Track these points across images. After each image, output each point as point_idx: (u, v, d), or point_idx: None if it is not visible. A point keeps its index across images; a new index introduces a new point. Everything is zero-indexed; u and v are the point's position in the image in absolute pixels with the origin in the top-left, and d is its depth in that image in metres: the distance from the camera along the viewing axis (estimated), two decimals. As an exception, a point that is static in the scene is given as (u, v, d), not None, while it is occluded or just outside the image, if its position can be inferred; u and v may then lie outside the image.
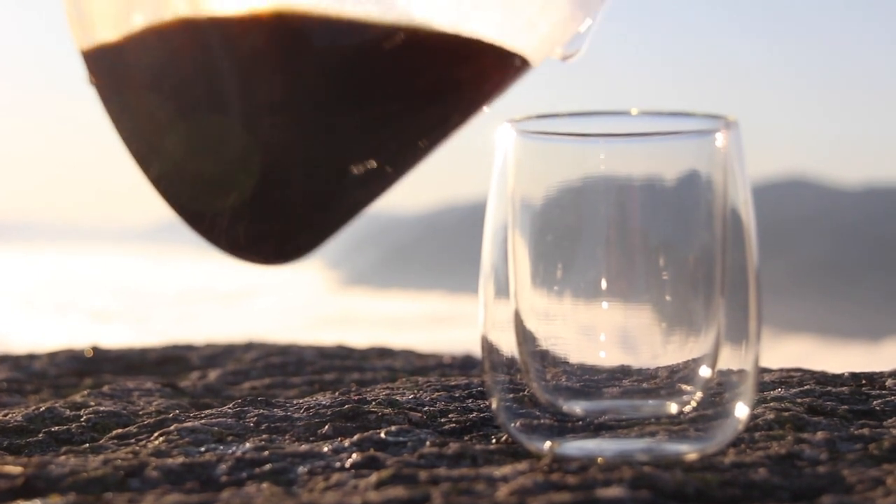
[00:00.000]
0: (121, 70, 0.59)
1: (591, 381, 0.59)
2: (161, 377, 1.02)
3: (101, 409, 0.75)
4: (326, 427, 0.67)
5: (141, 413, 0.75)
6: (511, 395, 0.60)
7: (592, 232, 0.58)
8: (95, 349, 1.15)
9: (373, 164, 0.57)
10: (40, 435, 0.69)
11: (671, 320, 0.58)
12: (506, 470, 0.55)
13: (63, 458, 0.62)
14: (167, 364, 1.10)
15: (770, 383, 0.77)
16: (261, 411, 0.71)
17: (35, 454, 0.65)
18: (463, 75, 0.58)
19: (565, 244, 0.58)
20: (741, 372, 0.58)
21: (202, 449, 0.63)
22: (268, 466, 0.58)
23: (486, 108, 0.61)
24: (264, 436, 0.66)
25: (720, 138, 0.57)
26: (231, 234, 0.60)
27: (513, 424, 0.59)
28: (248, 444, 0.63)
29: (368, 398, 0.74)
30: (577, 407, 0.59)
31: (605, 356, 0.59)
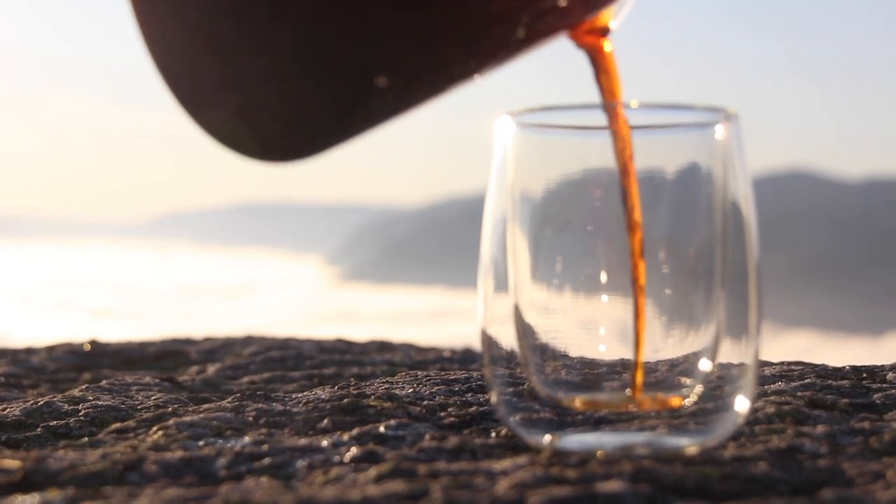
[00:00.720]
0: None
1: (590, 374, 0.58)
2: (160, 371, 1.02)
3: (100, 403, 0.75)
4: (325, 421, 0.67)
5: (139, 407, 0.75)
6: (511, 389, 0.60)
7: (592, 225, 0.58)
8: (94, 343, 1.14)
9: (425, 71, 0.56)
10: (38, 429, 0.69)
11: (671, 314, 0.58)
12: (505, 464, 0.55)
13: (61, 452, 0.62)
14: (166, 358, 1.10)
15: (770, 377, 0.77)
16: (260, 405, 0.71)
17: (33, 448, 0.65)
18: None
19: (565, 237, 0.58)
20: (741, 365, 0.58)
21: (201, 443, 0.63)
22: (267, 460, 0.58)
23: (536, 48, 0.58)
24: (263, 430, 0.66)
25: (720, 131, 0.57)
26: (251, 130, 0.58)
27: (512, 418, 0.59)
28: (247, 439, 0.63)
29: (368, 392, 0.74)
30: (577, 401, 0.59)
31: (605, 350, 0.58)
